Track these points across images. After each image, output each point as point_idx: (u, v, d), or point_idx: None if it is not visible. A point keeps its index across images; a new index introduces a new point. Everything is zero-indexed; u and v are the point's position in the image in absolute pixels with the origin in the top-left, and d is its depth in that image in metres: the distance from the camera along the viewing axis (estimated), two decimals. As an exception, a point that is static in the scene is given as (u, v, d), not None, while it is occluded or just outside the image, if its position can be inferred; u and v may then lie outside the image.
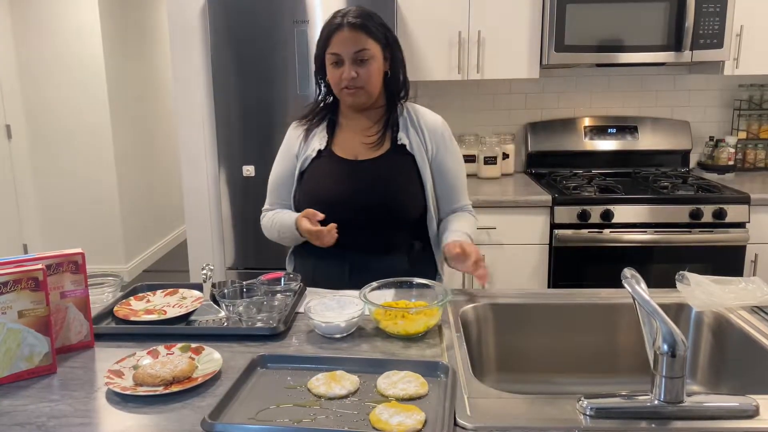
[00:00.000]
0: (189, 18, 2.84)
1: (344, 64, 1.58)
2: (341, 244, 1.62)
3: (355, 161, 1.67)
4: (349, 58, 1.57)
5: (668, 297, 1.48)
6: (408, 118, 1.70)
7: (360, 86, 1.60)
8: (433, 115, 1.74)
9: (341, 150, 1.69)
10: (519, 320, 1.48)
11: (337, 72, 1.59)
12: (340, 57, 1.58)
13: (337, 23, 1.57)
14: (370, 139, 1.67)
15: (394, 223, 1.67)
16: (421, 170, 1.67)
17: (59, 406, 1.06)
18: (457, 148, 1.75)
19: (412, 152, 1.67)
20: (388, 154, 1.67)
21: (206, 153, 2.94)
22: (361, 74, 1.58)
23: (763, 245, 2.76)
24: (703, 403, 1.01)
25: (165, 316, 1.42)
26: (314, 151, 1.68)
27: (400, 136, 1.67)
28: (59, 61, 4.49)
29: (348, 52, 1.57)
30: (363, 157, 1.67)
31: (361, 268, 1.63)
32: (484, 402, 1.04)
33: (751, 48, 2.90)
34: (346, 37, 1.57)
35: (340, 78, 1.59)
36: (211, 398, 1.06)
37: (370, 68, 1.59)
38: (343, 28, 1.57)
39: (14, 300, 1.14)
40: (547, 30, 2.87)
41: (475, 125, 3.41)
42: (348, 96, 1.62)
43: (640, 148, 3.27)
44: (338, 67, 1.59)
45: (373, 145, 1.67)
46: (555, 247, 2.78)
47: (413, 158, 1.67)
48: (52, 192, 4.70)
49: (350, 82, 1.59)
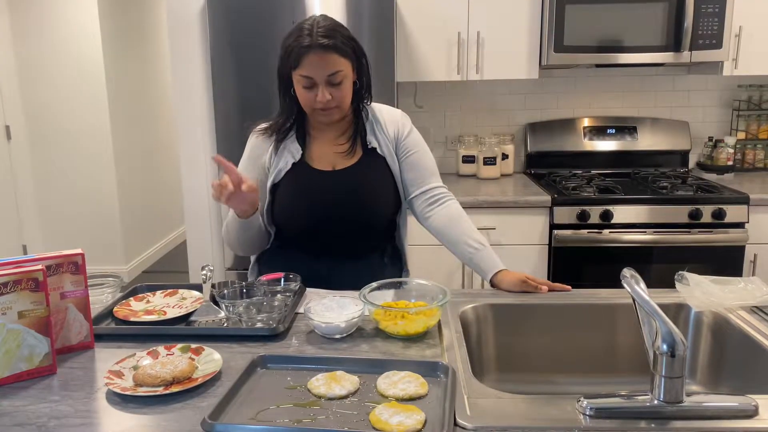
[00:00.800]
0: (188, 18, 2.84)
1: (317, 87, 1.52)
2: (317, 251, 1.65)
3: (334, 171, 1.65)
4: (322, 81, 1.52)
5: (668, 297, 1.48)
6: (373, 120, 1.69)
7: (335, 106, 1.56)
8: (392, 110, 1.74)
9: (317, 162, 1.66)
10: (519, 320, 1.48)
11: (311, 94, 1.54)
12: (313, 81, 1.52)
13: (307, 44, 1.49)
14: (342, 147, 1.66)
15: (372, 227, 1.68)
16: (393, 170, 1.68)
17: (59, 406, 1.06)
18: (418, 134, 1.74)
19: (383, 154, 1.67)
20: (363, 159, 1.66)
21: (206, 153, 2.94)
22: (335, 95, 1.54)
23: (762, 245, 2.77)
24: (703, 403, 1.01)
25: (165, 316, 1.42)
26: (288, 164, 1.64)
27: (369, 139, 1.66)
28: (58, 62, 4.49)
29: (321, 75, 1.51)
30: (340, 166, 1.65)
31: (334, 274, 1.65)
32: (484, 402, 1.04)
33: (750, 48, 2.90)
34: (317, 60, 1.49)
35: (314, 100, 1.54)
36: (212, 398, 1.06)
37: (343, 88, 1.55)
38: (312, 50, 1.49)
39: (14, 301, 1.14)
40: (546, 30, 2.87)
41: (475, 126, 3.42)
42: (322, 116, 1.59)
43: (639, 148, 3.27)
44: (311, 89, 1.53)
45: (346, 154, 1.65)
46: (554, 248, 2.78)
47: (385, 160, 1.67)
48: (52, 193, 4.70)
49: (325, 104, 1.54)
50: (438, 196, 1.71)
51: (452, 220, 1.68)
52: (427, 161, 1.73)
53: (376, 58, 2.67)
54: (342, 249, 1.67)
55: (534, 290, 1.54)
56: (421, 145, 1.73)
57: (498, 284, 1.58)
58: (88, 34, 4.44)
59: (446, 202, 1.71)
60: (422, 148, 1.72)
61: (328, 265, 1.66)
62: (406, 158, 1.70)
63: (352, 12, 2.64)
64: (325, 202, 1.63)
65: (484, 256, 1.62)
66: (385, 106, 1.74)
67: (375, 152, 1.67)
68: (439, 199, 1.70)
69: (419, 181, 1.71)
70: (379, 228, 1.71)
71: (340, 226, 1.64)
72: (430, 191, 1.70)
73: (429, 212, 1.70)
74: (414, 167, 1.70)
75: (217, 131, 2.83)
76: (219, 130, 2.83)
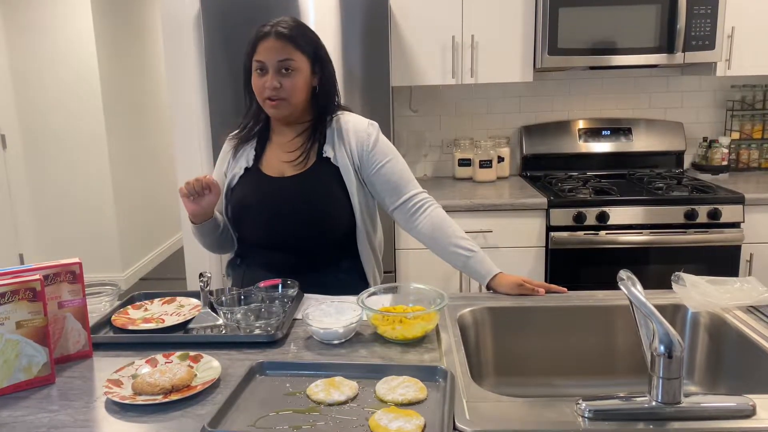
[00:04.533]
0: (183, 23, 2.84)
1: (268, 73, 1.56)
2: (269, 263, 1.65)
3: (281, 178, 1.64)
4: (273, 66, 1.55)
5: (664, 298, 1.49)
6: (336, 129, 1.66)
7: (283, 97, 1.57)
8: (359, 120, 1.69)
9: (268, 167, 1.67)
10: (516, 323, 1.49)
11: (261, 80, 1.57)
12: (265, 65, 1.56)
13: (265, 31, 1.56)
14: (292, 155, 1.64)
15: (321, 239, 1.65)
16: (347, 182, 1.64)
17: (58, 416, 1.06)
18: (387, 142, 1.69)
19: (336, 164, 1.63)
20: (314, 168, 1.64)
21: (201, 159, 2.94)
22: (285, 85, 1.56)
23: (758, 245, 2.78)
24: (701, 403, 1.01)
25: (163, 324, 1.42)
26: (241, 169, 1.67)
27: (325, 148, 1.64)
28: (53, 69, 4.49)
29: (272, 60, 1.55)
30: (289, 173, 1.64)
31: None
32: (483, 406, 1.04)
33: (742, 49, 2.91)
34: (271, 45, 1.55)
35: (263, 87, 1.57)
36: (211, 406, 1.06)
37: (294, 80, 1.57)
38: (269, 37, 1.55)
39: (12, 311, 1.14)
40: (540, 34, 2.88)
41: (470, 129, 3.42)
42: (270, 107, 1.60)
43: (634, 149, 3.28)
44: (262, 75, 1.57)
45: (296, 161, 1.64)
46: (551, 250, 2.78)
47: (339, 170, 1.64)
48: (48, 201, 4.69)
49: (273, 92, 1.56)
50: (418, 204, 1.66)
51: (436, 228, 1.64)
52: (400, 169, 1.68)
53: (371, 62, 2.67)
54: (297, 259, 1.65)
55: (531, 293, 1.54)
56: (392, 153, 1.68)
57: (495, 288, 1.58)
58: (83, 41, 4.44)
59: (427, 209, 1.66)
60: (393, 157, 1.68)
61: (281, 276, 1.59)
62: (378, 170, 1.65)
63: (346, 17, 2.65)
64: (273, 208, 1.63)
65: (478, 260, 1.60)
66: (354, 116, 1.71)
67: (329, 162, 1.64)
68: (419, 207, 1.66)
69: (397, 191, 1.67)
70: (330, 240, 1.67)
71: (289, 233, 1.63)
72: (409, 200, 1.66)
73: (413, 222, 1.66)
74: (388, 178, 1.66)
75: (213, 137, 2.83)
76: (214, 136, 2.82)
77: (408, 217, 1.67)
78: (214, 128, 2.82)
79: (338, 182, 1.64)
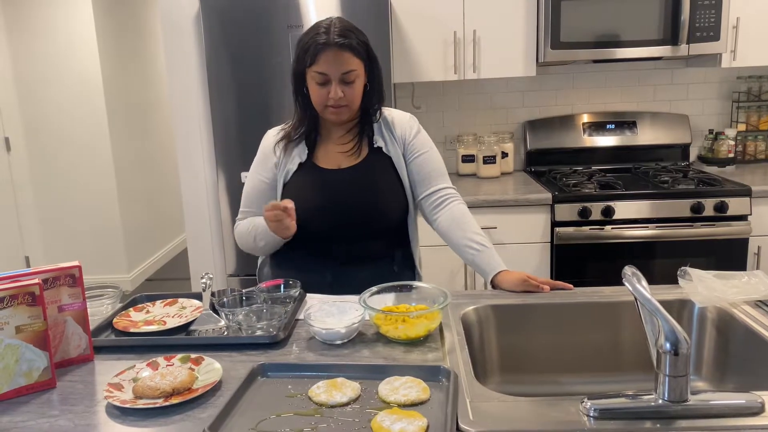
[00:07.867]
0: (183, 24, 2.84)
1: (331, 84, 1.57)
2: (324, 254, 1.65)
3: (338, 170, 1.67)
4: (336, 78, 1.56)
5: (671, 293, 1.47)
6: (382, 121, 1.72)
7: (345, 105, 1.60)
8: (401, 113, 1.77)
9: (323, 161, 1.69)
10: (521, 321, 1.47)
11: (323, 91, 1.58)
12: (328, 77, 1.56)
13: (323, 42, 1.54)
14: (347, 147, 1.68)
15: (377, 229, 1.68)
16: (399, 170, 1.69)
17: (59, 421, 1.05)
18: (427, 135, 1.76)
19: (388, 153, 1.69)
20: (369, 158, 1.69)
21: (204, 160, 2.93)
22: (347, 94, 1.58)
23: (765, 237, 2.75)
24: (708, 401, 1.00)
25: (165, 326, 1.41)
26: (295, 164, 1.69)
27: (375, 139, 1.69)
28: (56, 72, 4.49)
29: (336, 72, 1.56)
30: (345, 165, 1.68)
31: (343, 279, 1.65)
32: (487, 406, 1.03)
33: (747, 39, 2.88)
34: (333, 57, 1.54)
35: (326, 97, 1.58)
36: (212, 409, 1.05)
37: (355, 88, 1.59)
38: (330, 47, 1.54)
39: (11, 315, 1.13)
40: (542, 27, 2.86)
41: (473, 125, 3.40)
42: (332, 114, 1.62)
43: (639, 143, 3.25)
44: (324, 86, 1.58)
45: (351, 153, 1.68)
46: (556, 245, 2.77)
47: (391, 159, 1.69)
48: (53, 203, 4.70)
49: (336, 101, 1.58)
50: (443, 198, 1.71)
51: (455, 222, 1.68)
52: (435, 162, 1.73)
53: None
54: (351, 251, 1.67)
55: (535, 290, 1.53)
56: (429, 147, 1.74)
57: (499, 285, 1.57)
58: (85, 44, 4.44)
59: (451, 203, 1.71)
60: (430, 150, 1.74)
61: (336, 269, 1.66)
62: (414, 160, 1.71)
63: (347, 14, 2.63)
64: (332, 199, 1.65)
65: (485, 257, 1.62)
66: (395, 110, 1.78)
67: (381, 151, 1.69)
68: (444, 201, 1.71)
69: (426, 182, 1.72)
70: (387, 230, 1.70)
71: (347, 224, 1.64)
72: (436, 192, 1.71)
73: (435, 214, 1.71)
74: (422, 169, 1.71)
75: (215, 138, 2.83)
76: (216, 137, 2.82)
77: (432, 209, 1.72)
78: (215, 127, 2.81)
79: (392, 171, 1.69)
